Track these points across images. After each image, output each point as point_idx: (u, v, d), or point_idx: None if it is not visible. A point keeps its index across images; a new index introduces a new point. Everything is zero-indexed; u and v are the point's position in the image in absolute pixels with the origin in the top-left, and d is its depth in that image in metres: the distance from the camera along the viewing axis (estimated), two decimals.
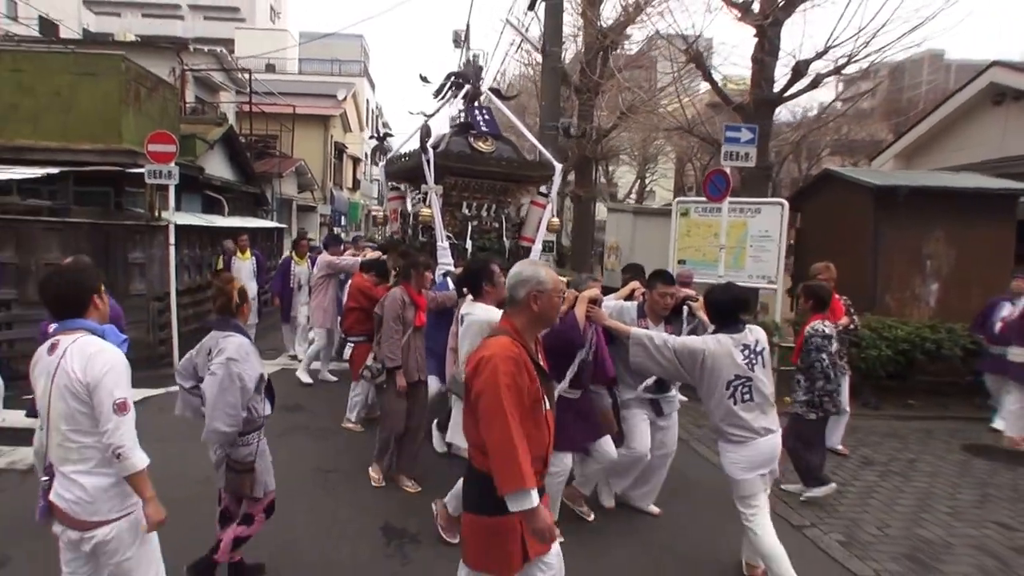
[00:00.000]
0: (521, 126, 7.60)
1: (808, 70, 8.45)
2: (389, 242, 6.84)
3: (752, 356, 3.17)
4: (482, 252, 5.76)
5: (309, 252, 8.60)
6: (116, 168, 8.41)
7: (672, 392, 4.12)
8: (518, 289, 2.30)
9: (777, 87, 8.73)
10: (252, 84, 17.27)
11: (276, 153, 18.75)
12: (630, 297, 4.16)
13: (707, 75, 9.59)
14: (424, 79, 7.15)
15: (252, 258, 8.99)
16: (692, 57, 9.30)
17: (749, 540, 3.28)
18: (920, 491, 4.82)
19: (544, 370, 2.33)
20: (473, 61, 7.21)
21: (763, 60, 8.54)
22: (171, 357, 7.50)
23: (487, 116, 6.45)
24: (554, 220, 6.45)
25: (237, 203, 13.53)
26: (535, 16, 11.15)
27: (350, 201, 29.64)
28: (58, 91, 8.48)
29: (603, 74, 11.60)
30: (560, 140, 8.42)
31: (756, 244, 7.70)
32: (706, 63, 9.70)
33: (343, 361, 7.79)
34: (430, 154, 5.59)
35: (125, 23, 39.42)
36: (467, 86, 6.57)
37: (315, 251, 8.92)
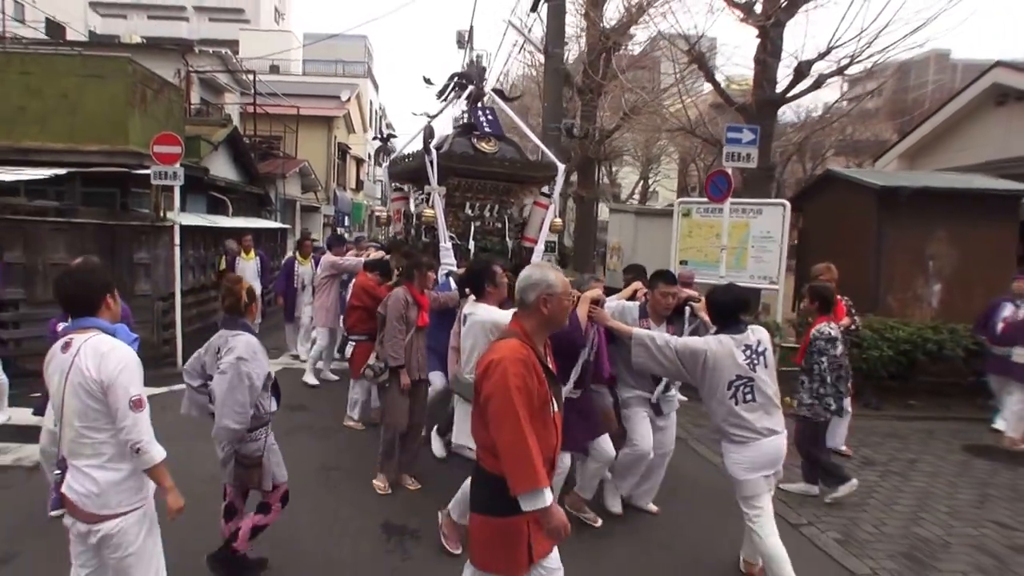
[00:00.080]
0: (524, 127, 7.63)
1: (810, 71, 8.48)
2: (392, 242, 6.88)
3: (754, 356, 3.17)
4: (485, 252, 5.78)
5: (312, 252, 8.66)
6: (122, 169, 8.48)
7: (671, 392, 4.14)
8: (528, 292, 2.31)
9: (779, 88, 8.76)
10: (256, 85, 17.37)
11: (280, 154, 18.83)
12: (632, 297, 4.18)
13: (709, 76, 9.62)
14: (427, 81, 7.19)
15: (256, 258, 9.05)
16: (694, 58, 9.33)
17: (752, 541, 3.29)
18: (919, 491, 4.83)
19: (553, 373, 2.35)
20: (476, 62, 7.25)
21: (765, 61, 8.56)
22: (175, 357, 7.57)
23: (490, 117, 6.46)
24: (557, 220, 6.46)
25: (241, 204, 13.62)
26: (538, 17, 11.22)
27: (353, 202, 29.73)
28: (65, 93, 8.57)
29: (606, 75, 11.63)
30: (563, 141, 8.45)
31: (758, 245, 7.70)
32: (708, 64, 9.73)
33: (344, 360, 7.84)
34: (433, 155, 5.60)
35: (131, 25, 39.61)
36: (470, 87, 6.59)
37: (318, 251, 8.98)
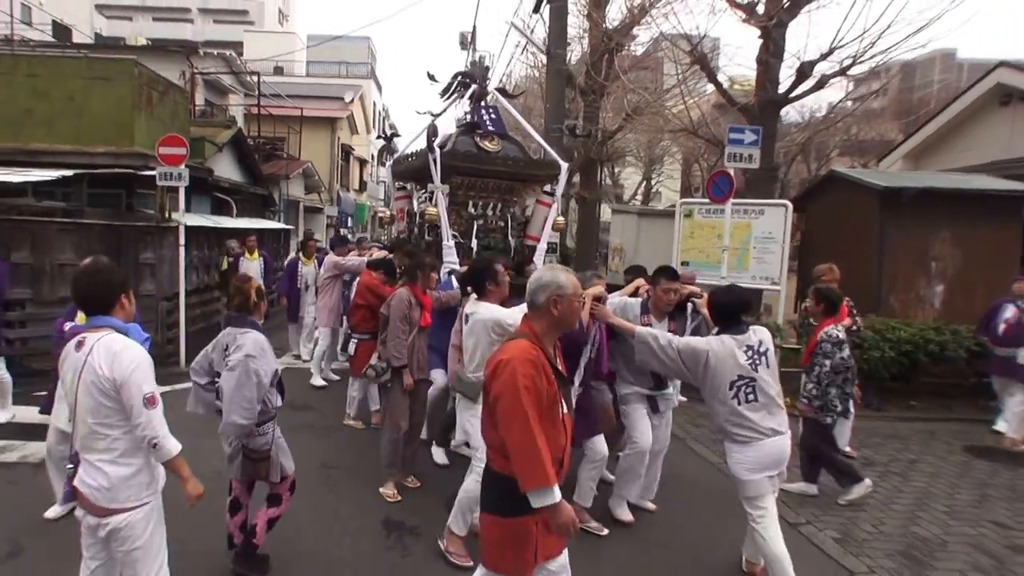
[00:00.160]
0: (527, 125, 7.66)
1: (813, 71, 8.48)
2: (395, 242, 6.92)
3: (756, 357, 3.17)
4: (487, 251, 5.80)
5: (316, 252, 8.72)
6: (128, 170, 8.56)
7: (669, 390, 4.16)
8: (538, 294, 2.31)
9: (782, 88, 8.76)
10: (260, 87, 17.46)
11: (284, 155, 18.90)
12: (634, 294, 4.19)
13: (712, 77, 9.63)
14: (432, 78, 7.22)
15: (260, 259, 9.11)
16: (696, 59, 9.34)
17: (755, 542, 3.28)
18: (919, 491, 4.84)
19: (562, 374, 2.36)
20: (479, 62, 7.27)
21: (768, 61, 8.57)
22: (178, 356, 7.64)
23: (493, 116, 6.48)
24: (559, 219, 6.48)
25: (245, 204, 13.70)
26: (540, 18, 11.25)
27: (356, 202, 29.81)
28: (72, 96, 8.66)
29: (608, 76, 11.65)
30: (566, 140, 8.48)
31: (760, 246, 7.69)
32: (711, 64, 9.74)
33: (345, 362, 7.89)
34: (436, 153, 5.63)
35: (136, 27, 39.84)
36: (474, 86, 6.62)
37: (321, 252, 9.04)
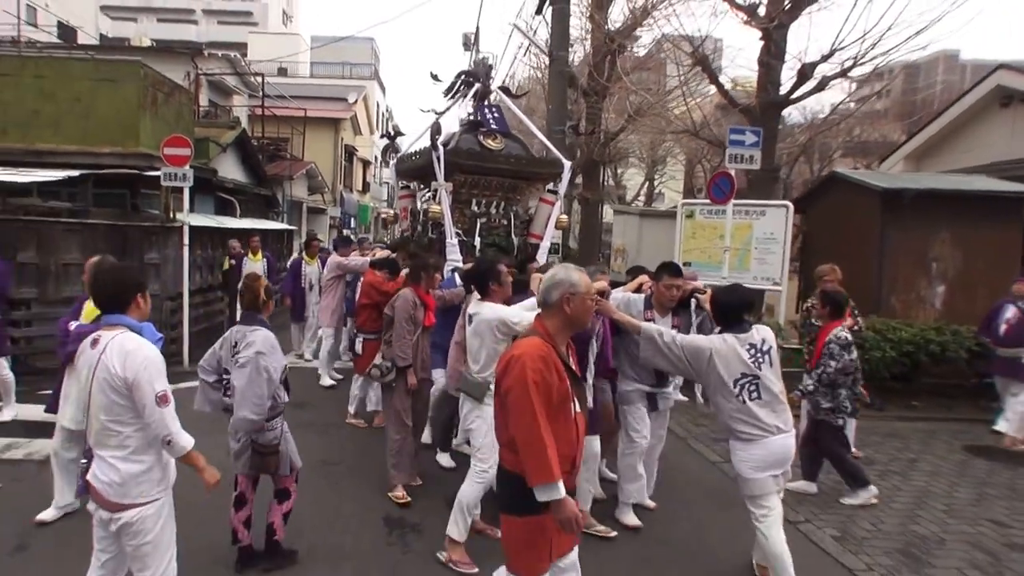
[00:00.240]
0: (530, 124, 7.70)
1: (814, 73, 8.51)
2: (398, 241, 6.96)
3: (759, 355, 3.18)
4: (491, 248, 5.83)
5: (319, 253, 8.77)
6: (133, 171, 8.62)
7: (669, 388, 4.17)
8: (551, 292, 2.32)
9: (783, 90, 8.79)
10: (264, 88, 17.53)
11: (287, 156, 18.98)
12: (638, 290, 4.20)
13: (713, 78, 9.66)
14: (435, 77, 7.26)
15: (263, 259, 9.17)
16: (698, 60, 9.38)
17: (758, 541, 3.28)
18: (918, 490, 4.87)
19: (575, 372, 2.37)
20: (483, 62, 7.31)
21: (769, 63, 8.61)
22: (182, 356, 7.69)
23: (497, 114, 6.53)
24: (563, 217, 6.50)
25: (249, 205, 13.76)
26: (543, 20, 11.29)
27: (360, 203, 29.89)
28: (78, 97, 8.73)
29: (611, 77, 11.68)
30: (568, 138, 8.52)
31: (761, 246, 7.73)
32: (712, 66, 9.77)
33: (348, 361, 7.93)
34: (440, 151, 5.66)
35: (141, 28, 40.02)
36: (477, 85, 6.66)
37: (324, 252, 9.09)
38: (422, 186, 6.97)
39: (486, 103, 6.63)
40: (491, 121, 6.38)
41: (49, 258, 7.26)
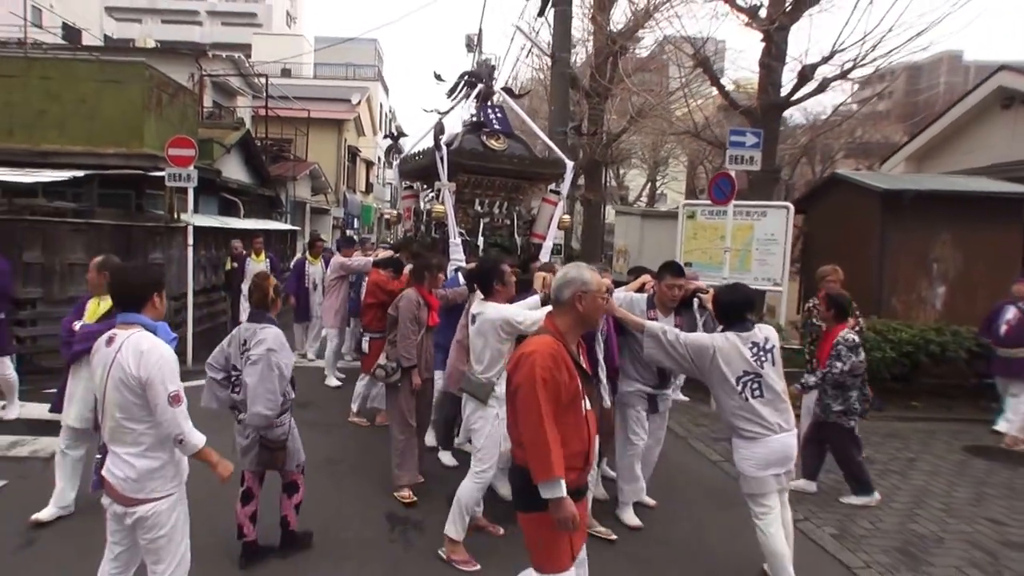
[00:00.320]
0: (533, 125, 7.72)
1: (814, 74, 8.54)
2: (401, 241, 7.01)
3: (761, 353, 3.19)
4: (494, 248, 5.85)
5: (323, 253, 8.82)
6: (138, 172, 8.68)
7: (668, 390, 4.17)
8: (563, 290, 2.35)
9: (784, 91, 8.82)
10: (268, 89, 17.61)
11: (291, 156, 19.04)
12: (640, 290, 4.22)
13: (714, 80, 9.69)
14: (438, 77, 7.30)
15: (267, 260, 9.22)
16: (699, 62, 9.41)
17: (758, 538, 3.28)
18: (917, 489, 4.89)
19: (585, 370, 2.40)
20: (485, 62, 7.35)
21: (770, 65, 8.64)
22: (185, 355, 7.74)
23: (499, 115, 6.55)
24: (565, 217, 6.52)
25: (252, 205, 13.83)
26: (545, 22, 11.32)
27: (363, 204, 29.95)
28: (84, 98, 8.79)
29: (613, 78, 11.72)
30: (570, 139, 8.55)
31: (762, 247, 7.76)
32: (713, 67, 9.80)
33: (352, 361, 7.98)
34: (444, 151, 5.69)
35: (145, 29, 40.20)
36: (480, 85, 6.69)
37: (328, 252, 9.14)
38: (425, 186, 7.01)
39: (489, 104, 6.65)
40: (494, 122, 6.40)
41: (54, 258, 7.32)
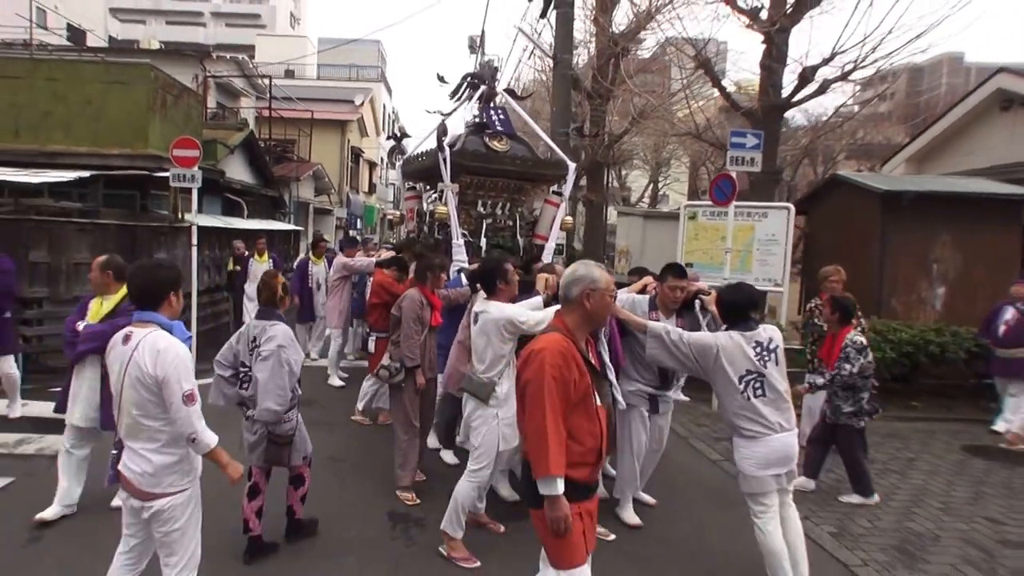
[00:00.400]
0: (535, 127, 7.76)
1: (815, 76, 8.58)
2: (404, 241, 7.05)
3: (764, 353, 3.18)
4: (496, 249, 5.87)
5: (326, 253, 8.88)
6: (143, 172, 8.75)
7: (670, 392, 4.16)
8: (571, 288, 2.36)
9: (785, 93, 8.86)
10: (272, 90, 17.69)
11: (294, 157, 19.12)
12: (642, 291, 4.22)
13: (715, 81, 9.73)
14: (441, 79, 7.34)
15: (269, 260, 9.27)
16: (701, 63, 9.45)
17: (756, 537, 3.29)
18: (915, 488, 4.92)
19: (595, 367, 2.42)
20: (488, 64, 7.39)
21: (771, 66, 8.69)
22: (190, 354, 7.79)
23: (502, 116, 6.58)
24: (567, 219, 6.55)
25: (256, 206, 13.91)
26: (547, 23, 11.37)
27: (366, 205, 30.05)
28: (89, 99, 8.87)
29: (615, 80, 11.76)
30: (572, 140, 8.60)
31: (763, 248, 7.79)
32: (715, 69, 9.84)
33: (354, 360, 8.04)
34: (446, 152, 5.71)
35: (149, 30, 40.38)
36: (483, 87, 6.73)
37: (331, 252, 9.20)
38: (428, 187, 7.05)
39: (491, 105, 6.69)
40: (496, 123, 6.43)
41: (60, 257, 7.37)
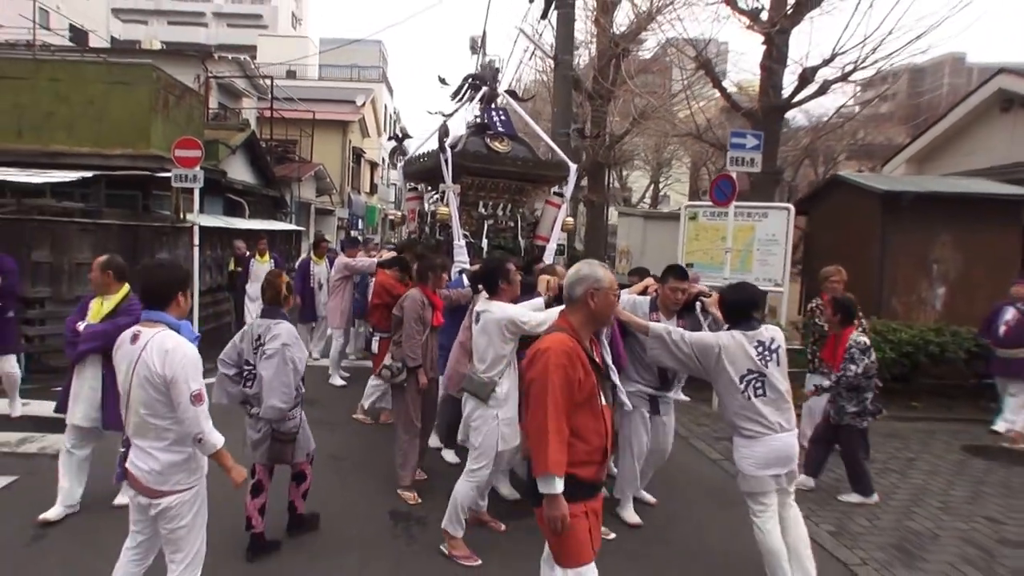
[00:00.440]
0: (537, 128, 7.78)
1: (815, 77, 8.59)
2: (405, 242, 7.07)
3: (766, 353, 3.18)
4: (497, 250, 5.89)
5: (327, 253, 8.91)
6: (144, 172, 8.78)
7: (670, 394, 4.16)
8: (576, 287, 2.38)
9: (785, 93, 8.88)
10: (273, 90, 17.73)
11: (296, 158, 19.16)
12: (644, 293, 4.23)
13: (716, 82, 9.75)
14: (442, 80, 7.36)
15: (271, 261, 9.30)
16: (701, 64, 9.46)
17: (755, 536, 3.30)
18: (915, 487, 4.94)
19: (600, 366, 2.43)
20: (490, 65, 7.41)
21: (771, 67, 8.70)
22: None
23: (503, 117, 6.59)
24: (568, 220, 6.56)
25: (257, 206, 13.94)
26: (548, 24, 11.39)
27: (367, 205, 30.09)
28: (92, 99, 8.92)
29: (616, 80, 11.77)
30: (573, 141, 8.61)
31: (763, 248, 7.81)
32: (715, 70, 9.85)
33: (356, 360, 8.06)
34: (448, 153, 5.73)
35: (151, 30, 40.43)
36: (484, 88, 6.74)
37: (332, 253, 9.23)
38: (429, 188, 7.07)
39: (493, 106, 6.70)
40: (498, 124, 6.44)
41: (63, 257, 7.40)
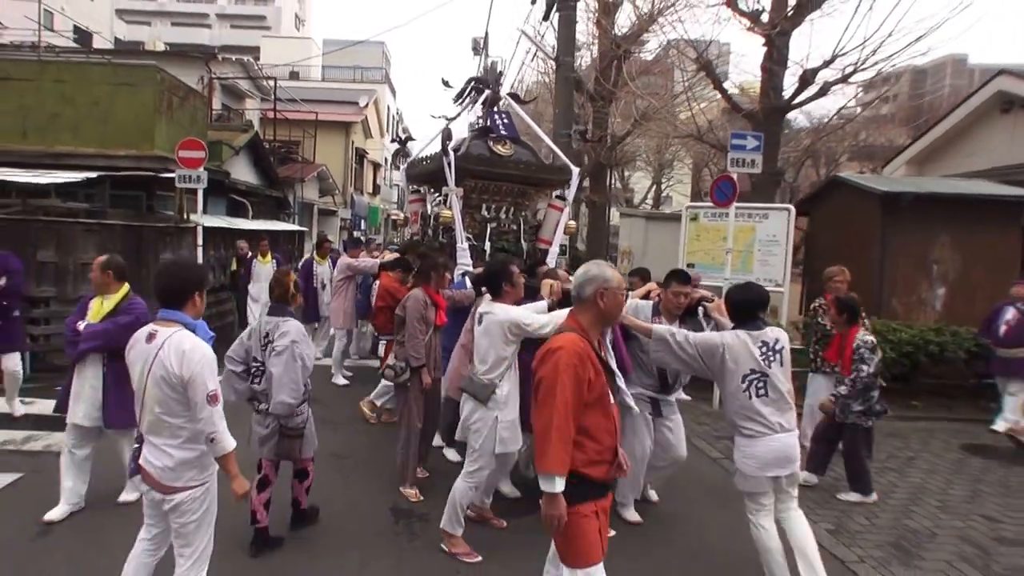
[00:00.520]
0: (539, 131, 7.81)
1: (816, 78, 8.62)
2: (407, 243, 7.11)
3: (770, 353, 3.18)
4: (500, 253, 5.92)
5: (330, 253, 8.96)
6: (149, 173, 8.84)
7: (672, 396, 4.17)
8: (585, 287, 2.40)
9: (786, 95, 8.90)
10: (276, 91, 17.79)
11: (299, 158, 19.22)
12: (646, 297, 4.26)
13: (717, 83, 9.78)
14: (446, 83, 7.39)
15: (273, 261, 9.34)
16: (702, 65, 9.50)
17: (751, 534, 3.32)
18: (914, 486, 4.97)
19: (609, 366, 2.46)
20: (492, 67, 7.44)
21: (772, 69, 8.73)
22: None
23: (506, 120, 6.61)
24: (571, 223, 6.59)
25: (261, 207, 14.00)
26: (550, 25, 11.43)
27: (370, 205, 30.17)
28: (97, 101, 8.98)
29: (617, 82, 11.81)
30: (575, 144, 8.66)
31: (764, 248, 7.85)
32: (716, 71, 9.88)
33: (359, 359, 8.10)
34: (451, 156, 5.75)
35: (154, 31, 40.58)
36: (487, 91, 6.75)
37: (335, 253, 9.27)
38: (432, 191, 7.10)
39: (495, 109, 6.73)
40: (501, 127, 6.45)
41: (67, 257, 7.44)
